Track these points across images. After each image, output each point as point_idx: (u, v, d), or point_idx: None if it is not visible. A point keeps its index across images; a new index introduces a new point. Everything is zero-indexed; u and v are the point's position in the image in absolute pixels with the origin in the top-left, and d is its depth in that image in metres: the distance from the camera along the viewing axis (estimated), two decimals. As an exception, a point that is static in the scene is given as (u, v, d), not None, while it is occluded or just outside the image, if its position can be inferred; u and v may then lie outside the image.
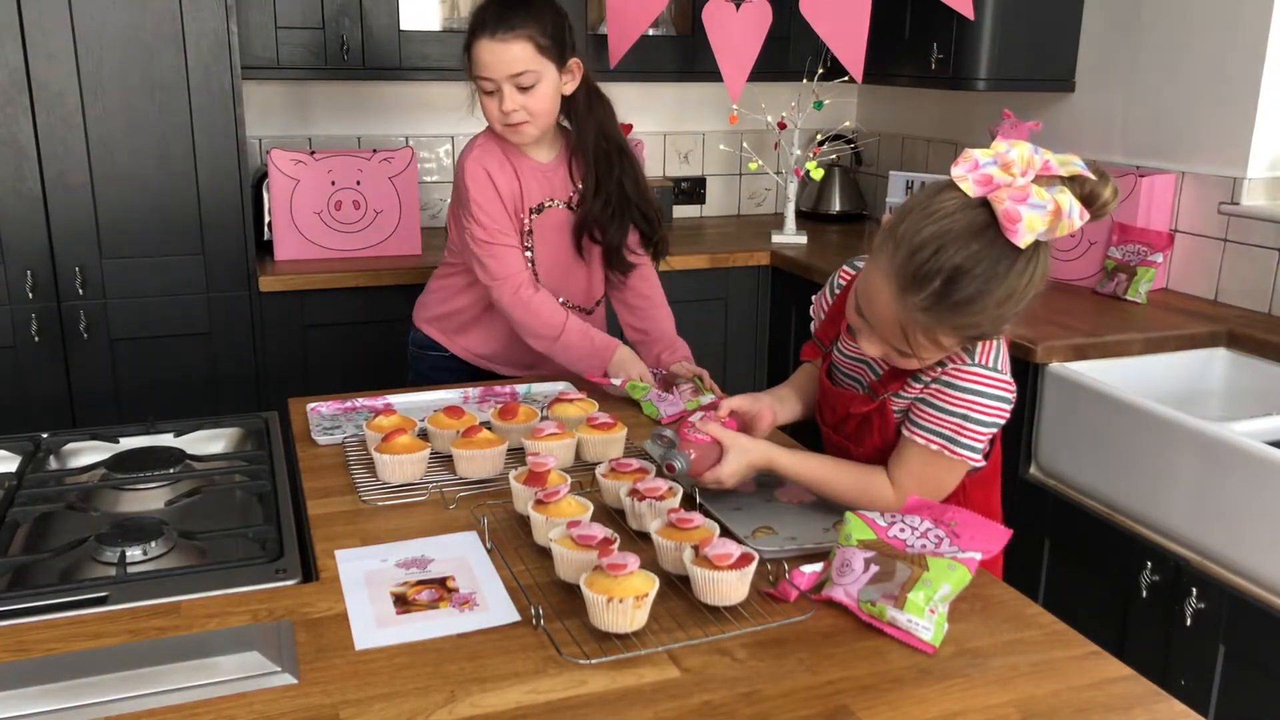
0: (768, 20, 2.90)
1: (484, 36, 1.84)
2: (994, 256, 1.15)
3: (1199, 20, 2.55)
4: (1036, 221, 1.12)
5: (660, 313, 2.10)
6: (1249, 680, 1.80)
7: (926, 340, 1.23)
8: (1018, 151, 1.15)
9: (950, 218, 1.16)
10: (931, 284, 1.16)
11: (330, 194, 2.85)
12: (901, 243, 1.19)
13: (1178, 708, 1.03)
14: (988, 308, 1.18)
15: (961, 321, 1.20)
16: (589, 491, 1.42)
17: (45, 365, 2.54)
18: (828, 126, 3.52)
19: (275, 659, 1.05)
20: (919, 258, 1.17)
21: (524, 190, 1.96)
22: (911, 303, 1.19)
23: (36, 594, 1.18)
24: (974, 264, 1.15)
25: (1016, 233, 1.13)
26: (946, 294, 1.17)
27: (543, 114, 1.90)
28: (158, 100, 2.50)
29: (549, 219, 1.99)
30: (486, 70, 1.86)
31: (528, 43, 1.84)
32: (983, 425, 1.30)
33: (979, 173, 1.15)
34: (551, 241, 2.00)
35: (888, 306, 1.22)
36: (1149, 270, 2.54)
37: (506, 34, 1.83)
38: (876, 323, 1.26)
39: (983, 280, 1.15)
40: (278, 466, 1.56)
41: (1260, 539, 1.77)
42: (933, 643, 1.11)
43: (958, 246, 1.15)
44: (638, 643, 1.10)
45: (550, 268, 2.01)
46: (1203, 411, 2.24)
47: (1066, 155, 1.18)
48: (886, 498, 1.35)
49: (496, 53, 1.84)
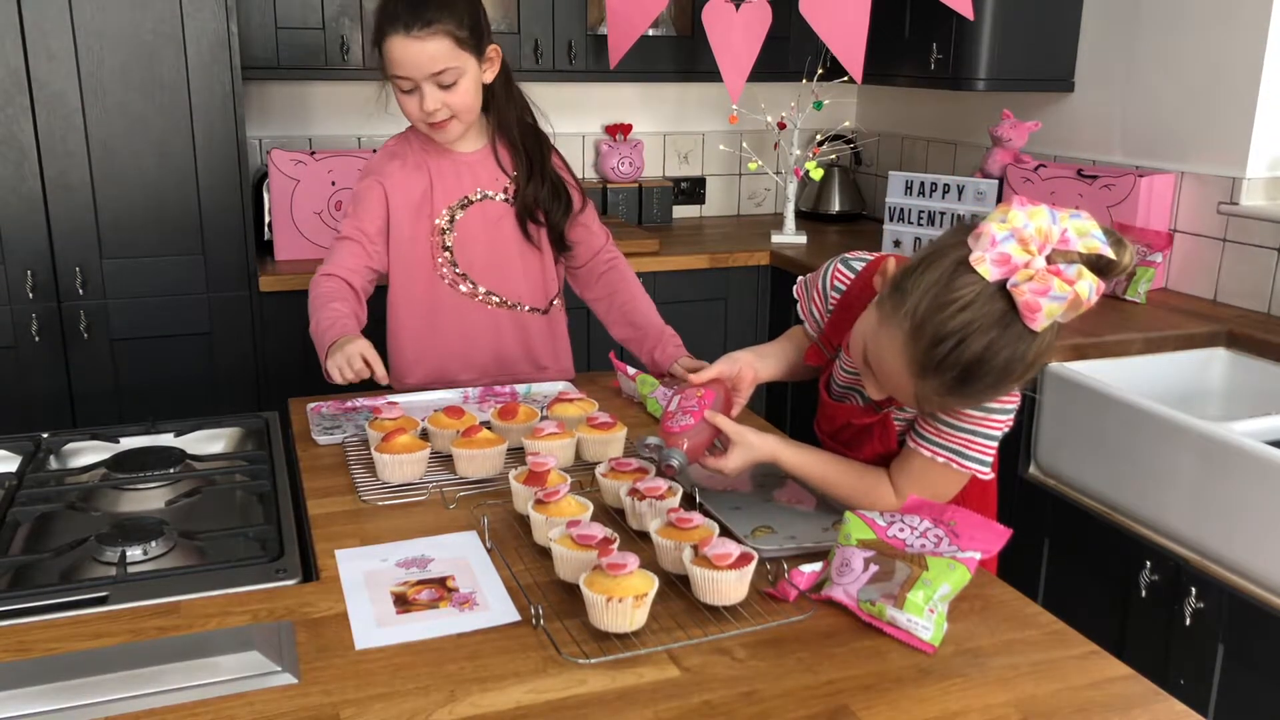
0: (768, 20, 2.90)
1: (397, 33, 1.71)
2: (1013, 341, 1.15)
3: (1198, 20, 2.55)
4: (1055, 309, 1.13)
5: (642, 304, 1.99)
6: (1248, 680, 1.81)
7: (939, 411, 1.29)
8: (1034, 226, 1.13)
9: (970, 308, 1.15)
10: (951, 372, 1.17)
11: (330, 194, 2.85)
12: (920, 330, 1.17)
13: (1177, 707, 1.03)
14: (1003, 384, 1.20)
15: (979, 399, 1.24)
16: (589, 491, 1.42)
17: (45, 365, 2.54)
18: (827, 126, 3.52)
19: (275, 659, 1.06)
20: (940, 350, 1.16)
21: (436, 191, 1.87)
22: (929, 385, 1.19)
23: (37, 594, 1.18)
24: (994, 355, 1.15)
25: (1036, 321, 1.13)
26: (966, 381, 1.17)
27: (466, 109, 1.80)
28: (158, 100, 2.50)
29: (480, 212, 1.89)
30: (403, 69, 1.74)
31: (446, 38, 1.72)
32: (989, 439, 1.31)
33: (996, 251, 1.13)
34: (487, 237, 1.90)
35: (903, 379, 1.22)
36: (1148, 270, 2.54)
37: (423, 30, 1.70)
38: (887, 383, 1.26)
39: (1002, 367, 1.16)
40: (278, 466, 1.56)
41: (1260, 539, 1.77)
42: (932, 642, 1.11)
43: (978, 338, 1.15)
44: (637, 642, 1.10)
45: (489, 264, 1.91)
46: (1202, 411, 2.24)
47: (1084, 223, 1.15)
48: (889, 502, 1.35)
49: (413, 51, 1.71)
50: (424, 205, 1.88)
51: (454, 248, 1.90)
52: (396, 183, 1.87)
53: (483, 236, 1.91)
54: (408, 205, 1.88)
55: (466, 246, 1.91)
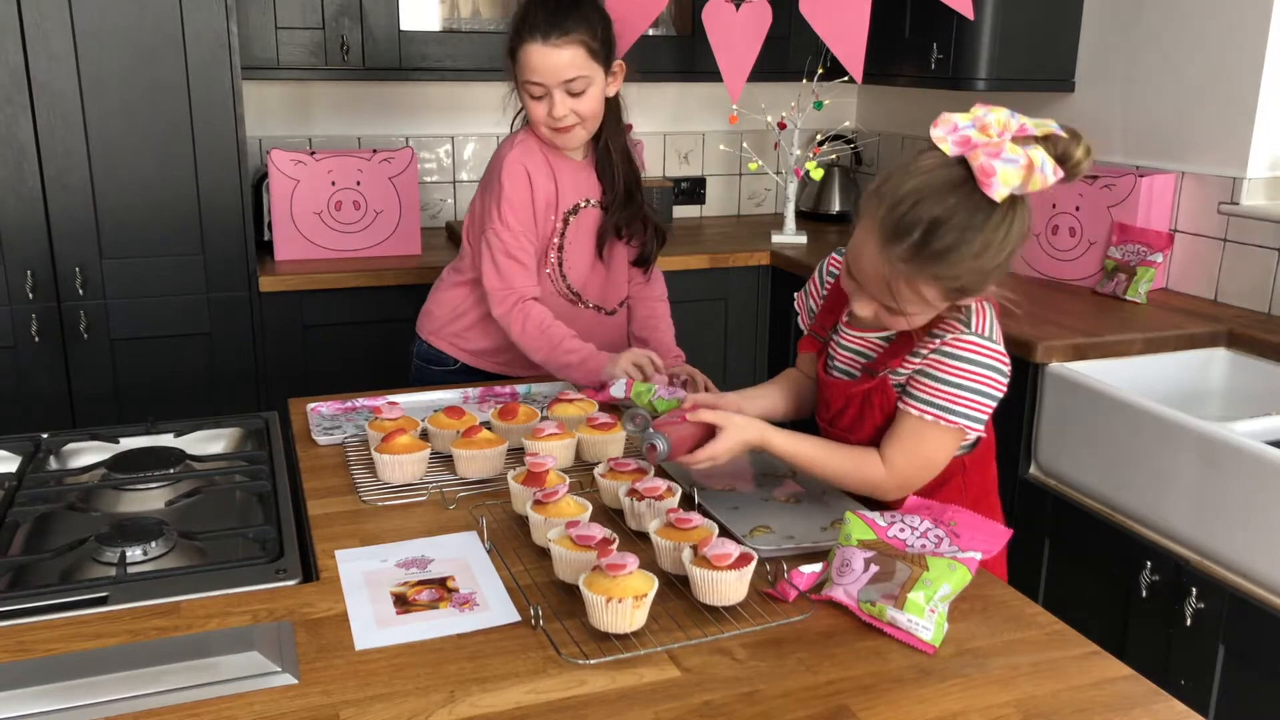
0: (768, 20, 2.90)
1: (535, 40, 1.79)
2: (970, 208, 1.21)
3: (1199, 20, 2.55)
4: (1011, 175, 1.19)
5: (664, 324, 2.11)
6: (1249, 680, 1.80)
7: (910, 292, 1.27)
8: (995, 116, 1.22)
9: (929, 174, 1.23)
10: (911, 235, 1.23)
11: (330, 194, 2.85)
12: (884, 198, 1.25)
13: (1178, 708, 1.03)
14: (965, 258, 1.23)
15: (942, 272, 1.25)
16: (588, 491, 1.42)
17: (45, 365, 2.54)
18: (827, 126, 3.52)
19: (275, 659, 1.06)
20: (899, 210, 1.23)
21: (560, 192, 1.94)
22: (894, 254, 1.25)
23: (37, 594, 1.18)
24: (951, 215, 1.21)
25: (991, 186, 1.19)
26: (926, 243, 1.22)
27: (591, 117, 1.88)
28: (158, 100, 2.50)
29: (583, 219, 1.98)
30: (537, 75, 1.81)
31: (580, 47, 1.80)
32: (978, 395, 1.31)
33: (957, 135, 1.22)
34: (581, 242, 1.99)
35: (873, 260, 1.27)
36: (1149, 270, 2.54)
37: (560, 38, 1.79)
38: (864, 279, 1.31)
39: (959, 230, 1.21)
40: (278, 466, 1.56)
41: (1260, 539, 1.77)
42: (933, 643, 1.11)
43: (936, 200, 1.22)
44: (637, 643, 1.10)
45: (581, 268, 2.00)
46: (1203, 411, 2.24)
47: (1044, 120, 1.24)
48: (879, 475, 1.36)
49: (549, 57, 1.79)
50: (551, 207, 1.94)
51: (565, 250, 1.97)
52: (539, 182, 1.91)
53: (586, 243, 1.99)
54: (545, 202, 1.93)
55: (571, 251, 1.98)
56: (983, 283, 1.28)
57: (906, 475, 1.36)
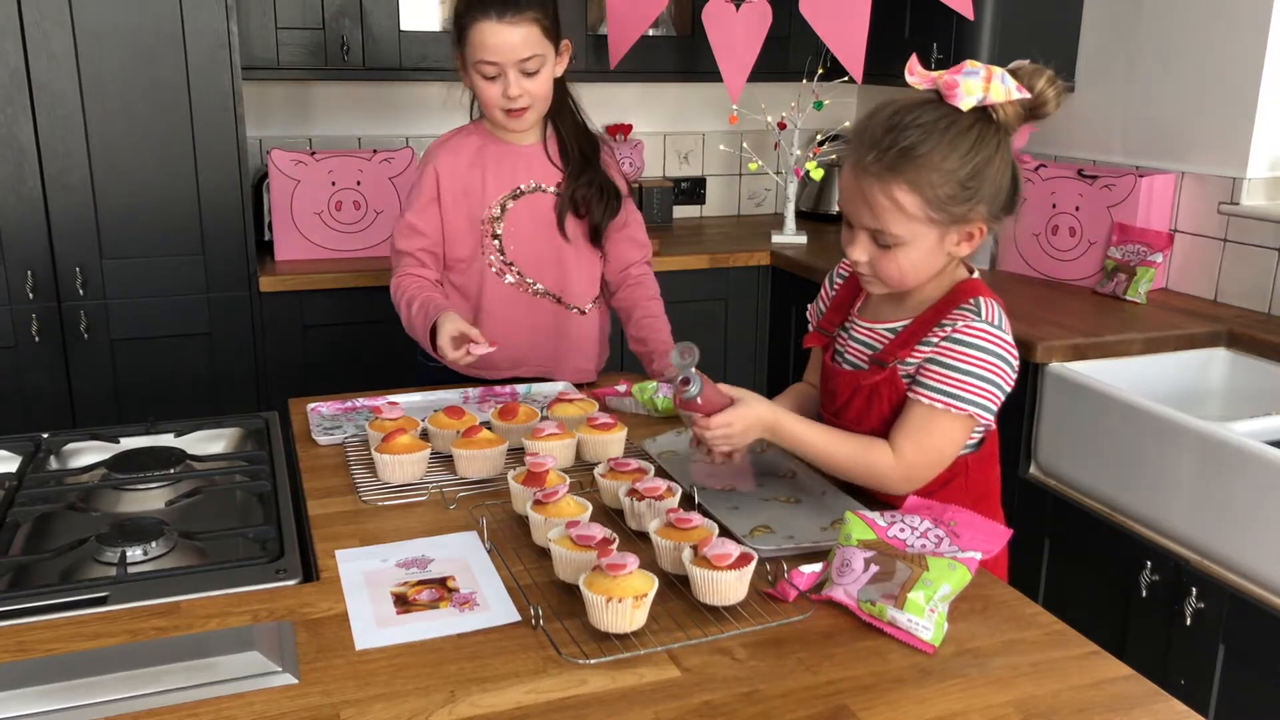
0: (768, 20, 2.89)
1: (488, 18, 1.75)
2: (937, 114, 1.29)
3: (1199, 20, 2.55)
4: (973, 85, 1.27)
5: (660, 323, 2.05)
6: (1249, 680, 1.80)
7: (886, 200, 1.30)
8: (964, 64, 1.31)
9: (901, 99, 1.33)
10: (881, 141, 1.29)
11: (330, 194, 2.85)
12: (861, 121, 1.36)
13: (1178, 708, 1.03)
14: (933, 160, 1.27)
15: (913, 176, 1.28)
16: (588, 491, 1.42)
17: (45, 365, 2.54)
18: (828, 126, 3.52)
19: (275, 659, 1.05)
20: (871, 122, 1.32)
21: (488, 179, 1.90)
22: (866, 161, 1.30)
23: (37, 594, 1.18)
24: (917, 117, 1.29)
25: (956, 96, 1.27)
26: (893, 143, 1.28)
27: (543, 98, 1.85)
28: (158, 100, 2.50)
29: (530, 204, 1.92)
30: (492, 54, 1.77)
31: (534, 25, 1.77)
32: (988, 383, 1.32)
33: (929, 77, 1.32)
34: (535, 228, 1.93)
35: (849, 177, 1.34)
36: (1149, 270, 2.54)
37: (515, 16, 1.75)
38: (848, 205, 1.36)
39: (924, 129, 1.28)
40: (278, 466, 1.56)
41: (1260, 539, 1.77)
42: (933, 643, 1.11)
43: (905, 110, 1.30)
44: (637, 643, 1.10)
45: (530, 251, 1.94)
46: (1203, 411, 2.24)
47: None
48: (886, 463, 1.35)
49: (504, 35, 1.76)
50: (475, 193, 1.91)
51: (503, 236, 1.93)
52: (447, 168, 1.90)
53: (531, 227, 1.94)
54: (459, 191, 1.91)
55: (515, 236, 1.93)
56: (964, 198, 1.29)
57: (914, 465, 1.35)
